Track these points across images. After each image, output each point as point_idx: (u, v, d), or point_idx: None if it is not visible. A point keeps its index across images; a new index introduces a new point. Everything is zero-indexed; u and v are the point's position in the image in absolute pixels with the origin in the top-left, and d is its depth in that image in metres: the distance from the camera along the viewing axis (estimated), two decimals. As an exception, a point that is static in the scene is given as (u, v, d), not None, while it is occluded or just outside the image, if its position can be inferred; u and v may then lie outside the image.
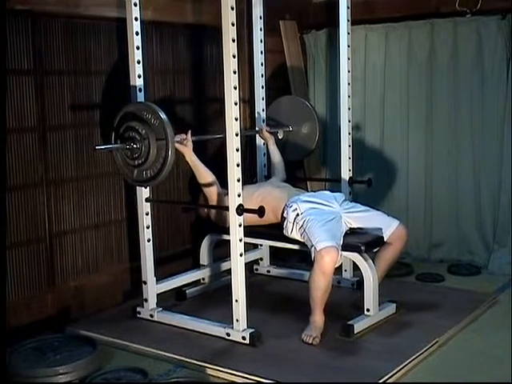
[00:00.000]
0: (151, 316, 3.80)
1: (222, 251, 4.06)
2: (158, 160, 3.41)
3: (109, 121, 3.94)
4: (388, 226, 3.74)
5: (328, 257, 3.37)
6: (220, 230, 3.99)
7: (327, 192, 3.96)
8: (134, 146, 3.46)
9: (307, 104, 4.59)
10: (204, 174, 3.85)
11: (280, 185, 4.13)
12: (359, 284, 4.02)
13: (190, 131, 3.77)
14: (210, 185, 3.87)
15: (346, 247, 3.53)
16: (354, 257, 3.65)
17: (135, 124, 3.45)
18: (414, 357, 3.27)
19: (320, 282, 3.40)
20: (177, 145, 3.56)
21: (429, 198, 4.98)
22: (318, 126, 4.47)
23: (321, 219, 3.61)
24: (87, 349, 3.31)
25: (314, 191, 3.97)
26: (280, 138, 4.49)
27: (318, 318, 3.47)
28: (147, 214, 3.77)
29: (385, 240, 3.72)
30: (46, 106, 3.69)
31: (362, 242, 3.61)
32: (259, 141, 4.59)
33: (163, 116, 3.37)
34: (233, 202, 3.36)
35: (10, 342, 3.22)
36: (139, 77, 3.67)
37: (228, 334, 3.48)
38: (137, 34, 3.65)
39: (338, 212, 3.77)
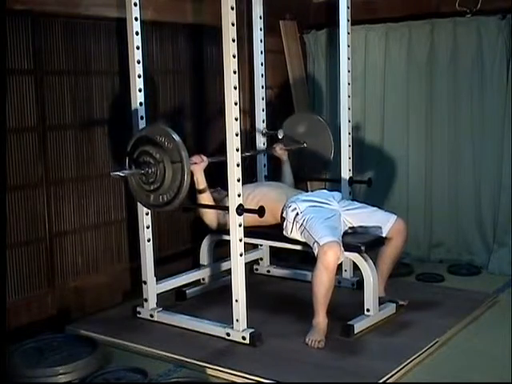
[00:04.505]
0: (151, 316, 3.80)
1: (222, 251, 4.06)
2: (175, 183, 3.37)
3: (109, 121, 3.96)
4: (386, 221, 3.75)
5: (331, 252, 3.37)
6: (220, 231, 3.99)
7: (325, 191, 3.97)
8: (149, 170, 3.41)
9: (320, 119, 4.54)
10: (203, 197, 3.79)
11: (276, 185, 4.12)
12: (359, 284, 4.03)
13: (206, 158, 3.72)
14: (206, 212, 3.84)
15: (346, 247, 3.52)
16: (354, 257, 3.65)
17: (149, 148, 3.41)
18: (414, 357, 3.27)
19: (323, 278, 3.39)
20: None
21: (429, 197, 4.98)
22: (331, 141, 4.41)
23: (320, 216, 3.62)
24: (87, 349, 3.30)
25: (312, 191, 3.98)
26: (280, 137, 4.47)
27: (321, 320, 3.45)
28: (147, 214, 3.77)
29: (385, 236, 3.73)
30: (46, 106, 3.69)
31: (361, 241, 3.61)
32: (259, 141, 4.58)
33: (177, 138, 3.34)
34: (233, 201, 3.36)
35: (10, 342, 3.22)
36: (139, 77, 3.67)
37: (228, 334, 3.48)
38: (137, 33, 3.65)
39: (337, 210, 3.78)
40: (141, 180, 3.50)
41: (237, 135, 3.31)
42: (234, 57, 3.27)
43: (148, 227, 3.77)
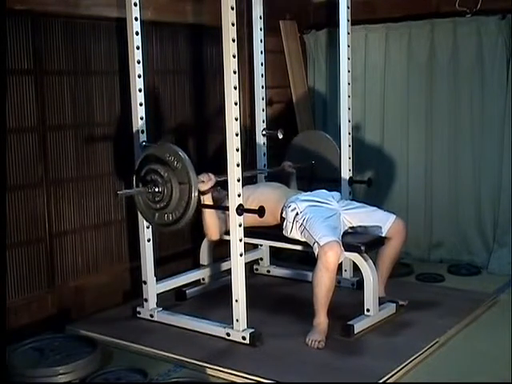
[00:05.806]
0: (151, 316, 3.80)
1: (222, 251, 4.06)
2: (181, 204, 3.37)
3: (109, 121, 3.94)
4: (386, 221, 3.75)
5: (331, 252, 3.37)
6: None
7: (324, 191, 3.96)
8: (156, 189, 3.41)
9: (326, 137, 4.53)
10: (207, 221, 3.74)
11: (276, 186, 4.11)
12: (359, 284, 4.03)
13: (214, 177, 3.64)
14: (209, 227, 3.80)
15: (346, 247, 3.51)
16: (354, 257, 3.65)
17: (157, 167, 3.40)
18: (414, 357, 3.27)
19: (324, 279, 3.38)
20: None
21: (429, 197, 4.98)
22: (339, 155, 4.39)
23: (320, 216, 3.62)
24: (87, 349, 3.30)
25: (311, 190, 3.98)
26: (280, 137, 4.46)
27: (322, 320, 3.44)
28: (147, 214, 3.76)
29: (384, 235, 3.73)
30: (46, 106, 3.69)
31: (361, 242, 3.60)
32: (259, 141, 4.58)
33: (186, 159, 3.33)
34: (233, 201, 3.36)
35: (10, 341, 3.22)
36: (139, 77, 3.67)
37: (228, 334, 3.48)
38: (137, 33, 3.65)
39: (337, 209, 3.78)
40: (147, 198, 3.49)
41: (237, 135, 3.31)
42: (234, 57, 3.27)
43: (148, 227, 3.76)
